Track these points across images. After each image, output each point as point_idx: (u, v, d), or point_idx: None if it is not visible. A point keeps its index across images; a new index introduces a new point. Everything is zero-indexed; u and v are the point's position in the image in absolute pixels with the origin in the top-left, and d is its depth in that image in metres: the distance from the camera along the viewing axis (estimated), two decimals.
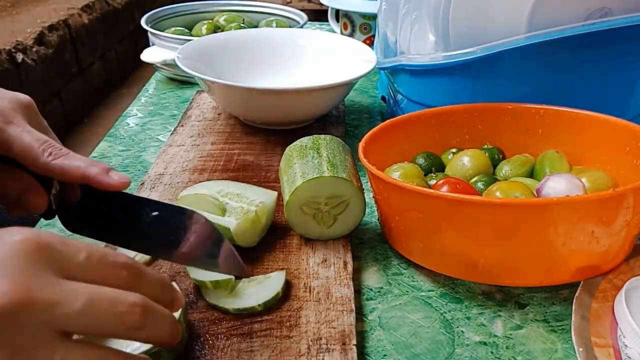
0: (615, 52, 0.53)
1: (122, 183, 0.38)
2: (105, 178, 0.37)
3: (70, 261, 0.29)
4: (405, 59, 0.63)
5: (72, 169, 0.37)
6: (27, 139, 0.37)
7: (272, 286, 0.43)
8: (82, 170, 0.37)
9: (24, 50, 2.02)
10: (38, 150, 0.37)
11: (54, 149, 0.38)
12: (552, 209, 0.40)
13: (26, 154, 0.37)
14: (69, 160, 0.38)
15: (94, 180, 0.37)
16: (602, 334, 0.40)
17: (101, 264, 0.30)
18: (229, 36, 0.82)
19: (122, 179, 0.38)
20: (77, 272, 0.29)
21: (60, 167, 0.37)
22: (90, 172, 0.37)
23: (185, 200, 0.49)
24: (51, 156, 0.37)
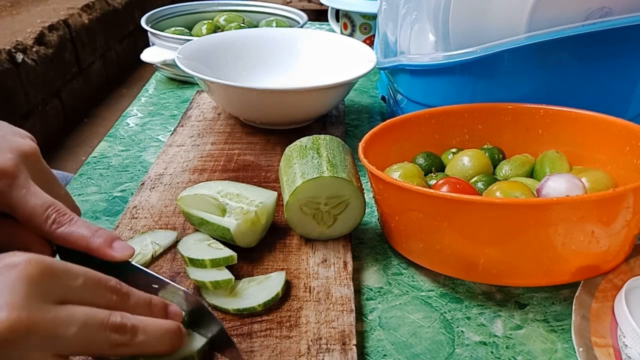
0: (615, 52, 0.53)
1: (125, 255, 0.38)
2: (107, 251, 0.37)
3: (69, 286, 0.31)
4: (405, 59, 0.63)
5: (75, 239, 0.37)
6: (30, 205, 0.36)
7: (272, 286, 0.43)
8: (85, 241, 0.37)
9: (24, 50, 2.02)
10: (42, 217, 0.36)
11: (58, 214, 0.37)
12: (552, 209, 0.40)
13: (30, 221, 0.37)
14: (71, 229, 0.37)
15: (97, 252, 0.37)
16: (602, 334, 0.40)
17: (95, 288, 0.32)
18: (229, 36, 0.82)
19: (125, 250, 0.38)
20: (74, 296, 0.31)
21: (63, 237, 0.37)
22: (93, 244, 0.37)
23: (185, 201, 0.49)
24: (55, 224, 0.37)
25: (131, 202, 0.55)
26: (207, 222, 0.48)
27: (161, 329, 0.34)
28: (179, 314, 0.37)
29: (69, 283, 0.31)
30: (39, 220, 0.36)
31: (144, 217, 0.53)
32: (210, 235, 0.48)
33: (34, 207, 0.36)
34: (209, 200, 0.49)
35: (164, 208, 0.54)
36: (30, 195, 0.37)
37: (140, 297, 0.35)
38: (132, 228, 0.51)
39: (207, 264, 0.44)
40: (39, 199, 0.37)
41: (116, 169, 0.65)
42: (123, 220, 0.52)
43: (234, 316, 0.42)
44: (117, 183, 0.62)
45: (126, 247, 0.38)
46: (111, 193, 0.60)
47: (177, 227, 0.52)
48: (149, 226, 0.52)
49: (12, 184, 0.36)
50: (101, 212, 0.57)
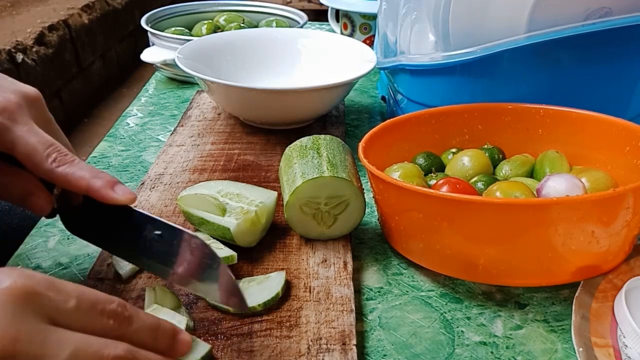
0: (615, 52, 0.53)
1: (127, 198, 0.36)
2: (109, 192, 0.36)
3: (59, 308, 0.28)
4: (405, 59, 0.63)
5: (76, 179, 0.36)
6: (31, 141, 0.36)
7: (272, 286, 0.43)
8: (86, 182, 0.36)
9: (24, 50, 2.02)
10: (42, 154, 0.36)
11: (59, 154, 0.36)
12: (552, 209, 0.40)
13: (30, 158, 0.36)
14: (72, 169, 0.36)
15: (98, 193, 0.35)
16: (602, 334, 0.40)
17: (90, 311, 0.29)
18: (229, 36, 0.82)
19: (127, 194, 0.36)
20: (66, 319, 0.28)
21: (64, 176, 0.36)
22: (95, 185, 0.36)
23: (185, 201, 0.49)
24: (55, 162, 0.36)
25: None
26: (207, 221, 0.48)
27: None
28: (188, 342, 0.33)
29: (60, 305, 0.28)
30: (39, 158, 0.35)
31: None
32: (211, 235, 0.48)
33: (35, 144, 0.36)
34: (209, 200, 0.49)
35: (164, 208, 0.54)
36: (32, 133, 0.36)
37: (146, 322, 0.31)
38: None
39: None
40: (41, 137, 0.36)
41: (116, 169, 0.65)
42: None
43: (234, 316, 0.42)
44: None
45: (128, 191, 0.36)
46: None
47: None
48: None
49: (15, 119, 0.36)
50: None
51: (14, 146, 0.36)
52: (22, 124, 0.36)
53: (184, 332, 0.33)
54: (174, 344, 0.32)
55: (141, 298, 0.43)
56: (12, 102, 0.36)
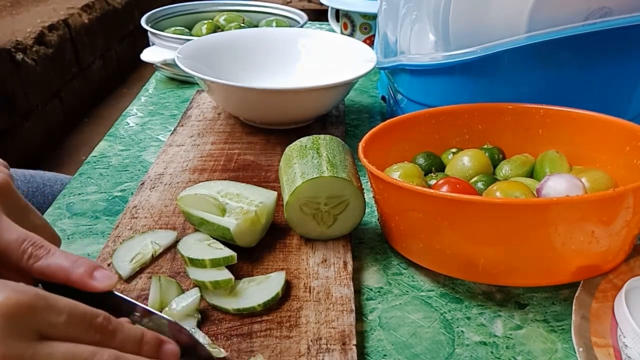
0: (615, 52, 0.53)
1: (107, 285, 0.35)
2: (89, 281, 0.35)
3: (51, 323, 0.29)
4: (405, 59, 0.63)
5: (54, 271, 0.35)
6: (4, 241, 0.34)
7: (272, 286, 0.43)
8: (64, 274, 0.35)
9: (24, 50, 2.02)
10: (18, 253, 0.34)
11: (34, 247, 0.35)
12: (552, 209, 0.40)
13: (5, 257, 0.34)
14: (49, 261, 0.35)
15: (78, 284, 0.35)
16: (602, 334, 0.40)
17: (80, 324, 0.30)
18: (229, 36, 0.82)
19: (108, 279, 0.35)
20: (56, 333, 0.29)
21: (42, 271, 0.35)
22: (74, 275, 0.35)
23: (185, 201, 0.49)
24: (31, 259, 0.34)
25: (131, 202, 0.55)
26: (207, 221, 0.48)
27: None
28: (174, 352, 0.34)
29: (52, 319, 0.29)
30: (15, 257, 0.34)
31: (143, 217, 0.53)
32: (210, 235, 0.48)
33: (8, 243, 0.34)
34: (209, 200, 0.49)
35: (164, 208, 0.54)
36: (3, 231, 0.34)
37: (130, 333, 0.32)
38: (132, 228, 0.51)
39: (207, 263, 0.44)
40: (12, 233, 0.34)
41: (116, 169, 0.65)
42: (123, 220, 0.52)
43: (234, 316, 0.42)
44: (117, 183, 0.62)
45: (108, 276, 0.36)
46: (111, 193, 0.60)
47: (177, 227, 0.52)
48: (148, 226, 0.52)
49: None
50: (101, 211, 0.57)
51: None
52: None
53: (170, 342, 0.34)
54: (159, 354, 0.33)
55: (141, 298, 0.43)
56: None
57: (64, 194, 0.60)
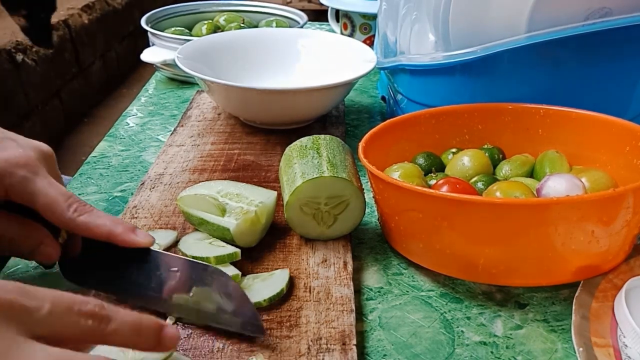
0: (616, 52, 0.53)
1: (148, 241, 0.39)
2: (131, 236, 0.38)
3: (33, 315, 0.27)
4: (405, 59, 0.63)
5: (97, 225, 0.38)
6: (52, 193, 0.38)
7: (277, 283, 0.44)
8: (107, 228, 0.38)
9: (24, 50, 2.02)
10: (63, 205, 0.38)
11: (79, 204, 0.38)
12: (552, 209, 0.40)
13: (51, 208, 0.38)
14: (92, 218, 0.38)
15: (119, 238, 0.38)
16: (602, 334, 0.40)
17: (67, 314, 0.28)
18: (229, 36, 0.82)
19: (147, 237, 0.39)
20: (42, 325, 0.27)
21: (86, 224, 0.38)
22: (116, 230, 0.38)
23: (185, 201, 0.49)
24: (76, 212, 0.38)
25: (131, 202, 0.55)
26: (206, 222, 0.48)
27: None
28: (175, 337, 0.32)
29: (34, 312, 0.27)
30: (60, 208, 0.37)
31: (144, 217, 0.53)
32: (210, 235, 0.48)
33: (56, 195, 0.38)
34: (209, 200, 0.49)
35: (164, 208, 0.54)
36: (51, 185, 0.38)
37: (126, 320, 0.30)
38: None
39: (212, 261, 0.44)
40: (59, 189, 0.38)
41: (116, 169, 0.65)
42: (123, 220, 0.52)
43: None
44: (117, 183, 0.62)
45: (147, 234, 0.39)
46: (111, 193, 0.60)
47: (177, 226, 0.52)
48: (149, 226, 0.52)
49: (36, 173, 0.38)
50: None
51: (35, 198, 0.38)
52: (42, 177, 0.38)
53: (170, 326, 0.32)
54: (160, 339, 0.31)
55: None
56: (32, 157, 0.39)
57: None
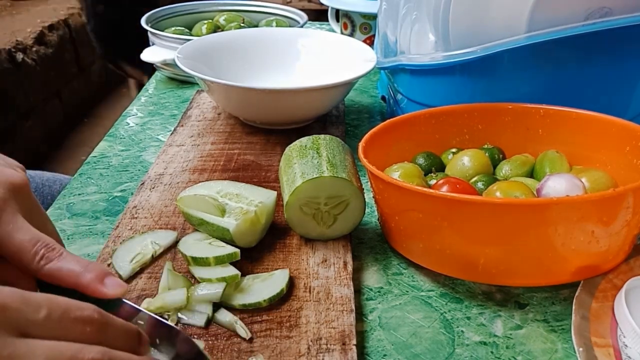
0: (615, 52, 0.53)
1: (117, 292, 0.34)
2: (99, 287, 0.34)
3: (29, 319, 0.27)
4: (405, 59, 0.63)
5: (64, 275, 0.34)
6: (17, 241, 0.34)
7: (277, 283, 0.44)
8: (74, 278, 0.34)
9: (24, 50, 2.02)
10: (30, 253, 0.34)
11: (47, 249, 0.35)
12: (552, 209, 0.40)
13: (17, 257, 0.34)
14: (60, 264, 0.34)
15: (87, 289, 0.34)
16: (602, 334, 0.40)
17: (63, 320, 0.28)
18: (229, 36, 0.81)
19: (117, 287, 0.35)
20: (38, 330, 0.27)
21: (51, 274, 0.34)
22: (84, 281, 0.34)
23: (185, 202, 0.49)
24: (43, 260, 0.34)
25: (131, 202, 0.55)
26: (206, 222, 0.48)
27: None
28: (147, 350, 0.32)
29: (30, 316, 0.27)
30: (26, 257, 0.34)
31: (144, 217, 0.53)
32: (210, 236, 0.48)
33: (21, 242, 0.34)
34: (209, 200, 0.49)
35: (164, 208, 0.54)
36: (16, 231, 0.34)
37: (123, 327, 0.31)
38: (132, 228, 0.51)
39: (211, 261, 0.44)
40: (26, 234, 0.34)
41: (116, 169, 0.65)
42: (123, 220, 0.52)
43: (236, 310, 0.42)
44: (117, 183, 0.62)
45: (118, 283, 0.35)
46: (111, 193, 0.60)
47: (177, 227, 0.52)
48: (149, 226, 0.52)
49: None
50: (101, 212, 0.57)
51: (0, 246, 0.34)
52: (7, 223, 0.34)
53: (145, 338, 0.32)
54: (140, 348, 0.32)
55: (141, 298, 0.43)
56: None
57: (64, 194, 0.60)
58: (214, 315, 0.42)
